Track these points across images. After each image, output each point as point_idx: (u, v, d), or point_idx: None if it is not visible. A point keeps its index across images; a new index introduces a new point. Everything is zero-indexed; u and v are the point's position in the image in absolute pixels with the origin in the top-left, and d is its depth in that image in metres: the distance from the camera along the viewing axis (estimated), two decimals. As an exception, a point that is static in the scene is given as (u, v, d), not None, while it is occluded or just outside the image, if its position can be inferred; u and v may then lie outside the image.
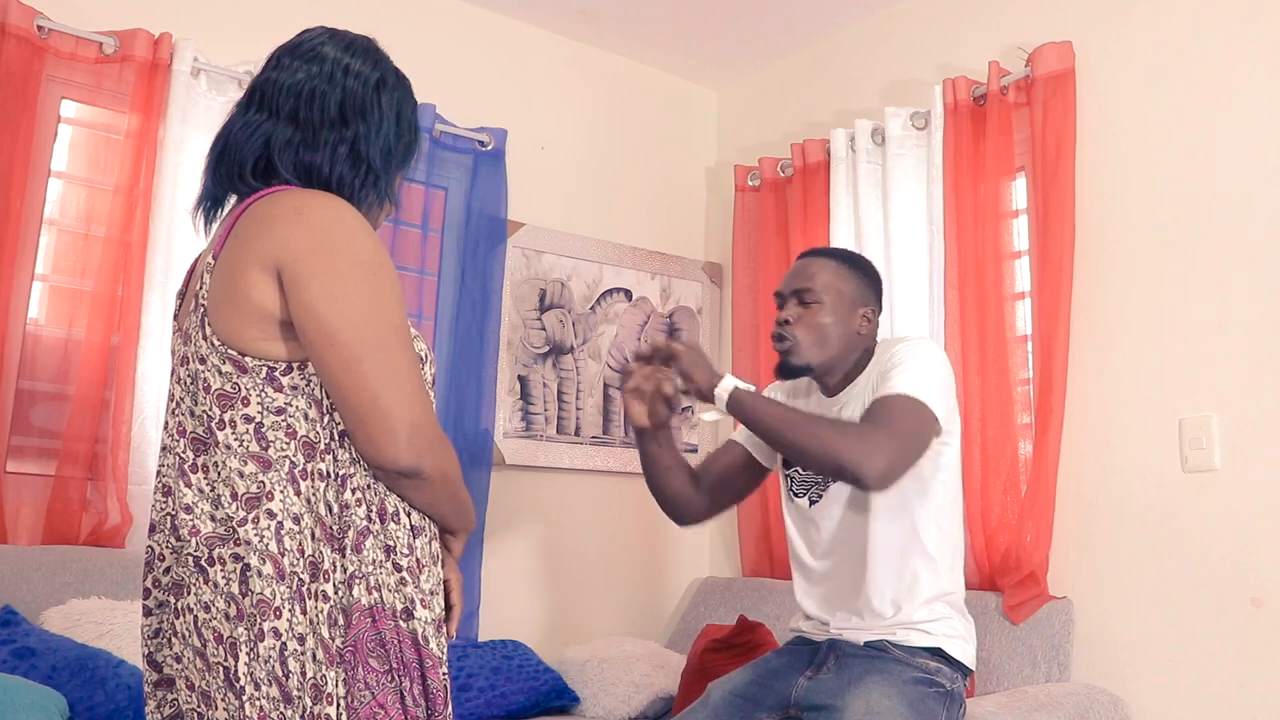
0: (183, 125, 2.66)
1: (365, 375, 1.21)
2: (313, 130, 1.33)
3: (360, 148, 1.35)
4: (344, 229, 1.26)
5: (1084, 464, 2.52)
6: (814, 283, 2.02)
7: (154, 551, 1.32)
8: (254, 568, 1.20)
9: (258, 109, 1.35)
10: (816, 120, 3.35)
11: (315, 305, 1.21)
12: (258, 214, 1.27)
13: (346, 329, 1.21)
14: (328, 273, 1.22)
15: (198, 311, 1.28)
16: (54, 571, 2.33)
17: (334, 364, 1.21)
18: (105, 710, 2.02)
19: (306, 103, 1.33)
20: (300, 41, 1.39)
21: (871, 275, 2.12)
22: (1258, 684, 2.19)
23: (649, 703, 2.75)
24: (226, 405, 1.24)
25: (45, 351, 2.57)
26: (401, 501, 1.29)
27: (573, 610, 3.28)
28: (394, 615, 1.24)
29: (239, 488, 1.23)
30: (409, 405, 1.23)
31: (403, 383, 1.23)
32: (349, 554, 1.23)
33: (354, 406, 1.22)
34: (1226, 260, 2.34)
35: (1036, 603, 2.47)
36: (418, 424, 1.24)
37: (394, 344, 1.24)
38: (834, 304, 2.01)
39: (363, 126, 1.35)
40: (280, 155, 1.32)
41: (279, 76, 1.35)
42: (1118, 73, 2.59)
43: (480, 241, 3.16)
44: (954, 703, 1.89)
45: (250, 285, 1.23)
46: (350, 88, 1.35)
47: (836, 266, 2.06)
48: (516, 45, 3.42)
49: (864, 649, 1.95)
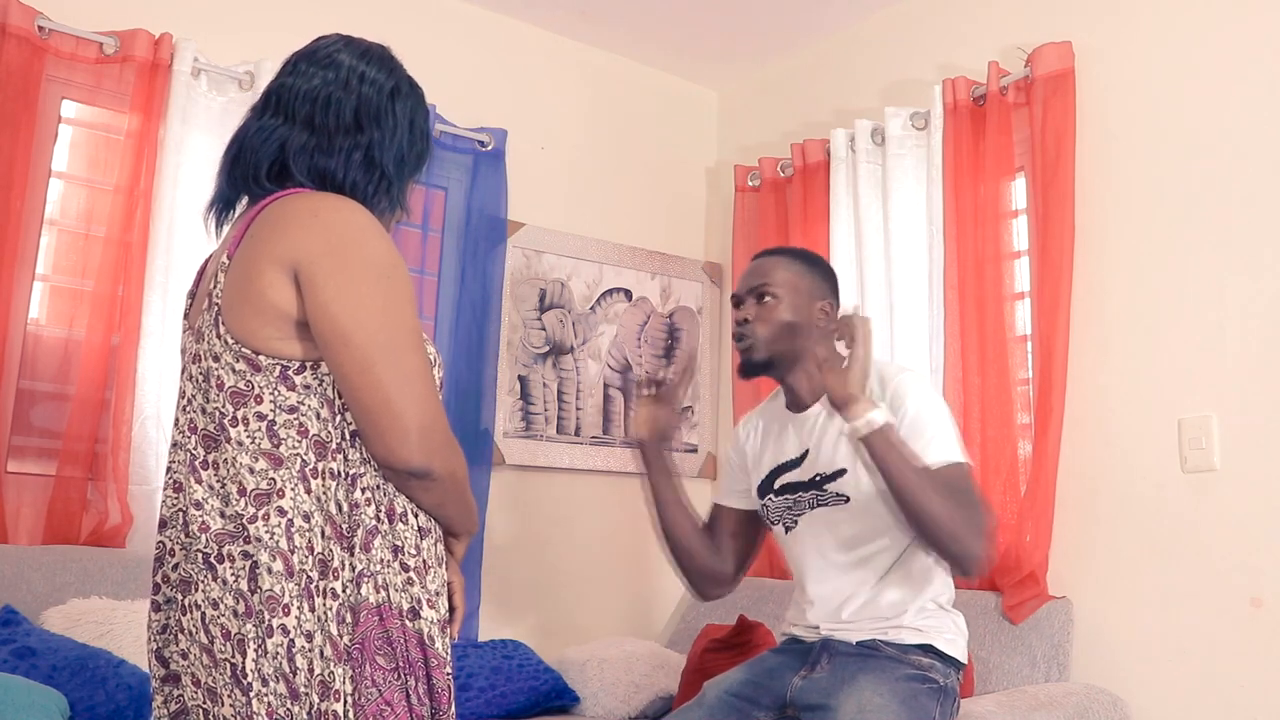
0: (183, 125, 2.66)
1: (378, 377, 1.23)
2: (328, 135, 1.35)
3: (374, 154, 1.37)
4: (358, 231, 1.28)
5: (1084, 464, 2.52)
6: (770, 279, 2.03)
7: (165, 547, 1.33)
8: (264, 564, 1.22)
9: (273, 113, 1.36)
10: (816, 120, 3.35)
11: (330, 306, 1.23)
12: (273, 215, 1.29)
13: (360, 331, 1.23)
14: (342, 274, 1.24)
15: (211, 310, 1.30)
16: (54, 571, 2.33)
17: (348, 365, 1.23)
18: (106, 710, 2.02)
19: (322, 109, 1.35)
20: (317, 48, 1.41)
21: (826, 270, 2.12)
22: (1257, 684, 2.19)
23: (649, 703, 2.75)
24: (240, 402, 1.26)
25: (46, 351, 2.57)
26: (410, 503, 1.30)
27: (573, 610, 3.28)
28: (401, 614, 1.26)
29: (248, 484, 1.24)
30: (420, 407, 1.25)
31: (415, 384, 1.25)
32: (358, 552, 1.24)
33: (367, 407, 1.24)
34: (1226, 260, 2.34)
35: (1036, 602, 2.47)
36: (428, 426, 1.26)
37: (406, 346, 1.26)
38: (791, 298, 2.02)
39: (377, 133, 1.37)
40: (295, 159, 1.34)
41: (295, 82, 1.37)
42: (1118, 73, 2.59)
43: (480, 241, 3.16)
44: (947, 698, 1.90)
45: (266, 285, 1.24)
46: (365, 95, 1.37)
47: (790, 263, 2.08)
48: (516, 45, 3.43)
49: (856, 648, 1.95)
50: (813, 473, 2.02)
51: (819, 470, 2.01)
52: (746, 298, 2.06)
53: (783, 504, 2.07)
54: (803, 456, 2.05)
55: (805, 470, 2.04)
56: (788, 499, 2.06)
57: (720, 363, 3.66)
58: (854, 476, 1.97)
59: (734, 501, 2.22)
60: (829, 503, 2.00)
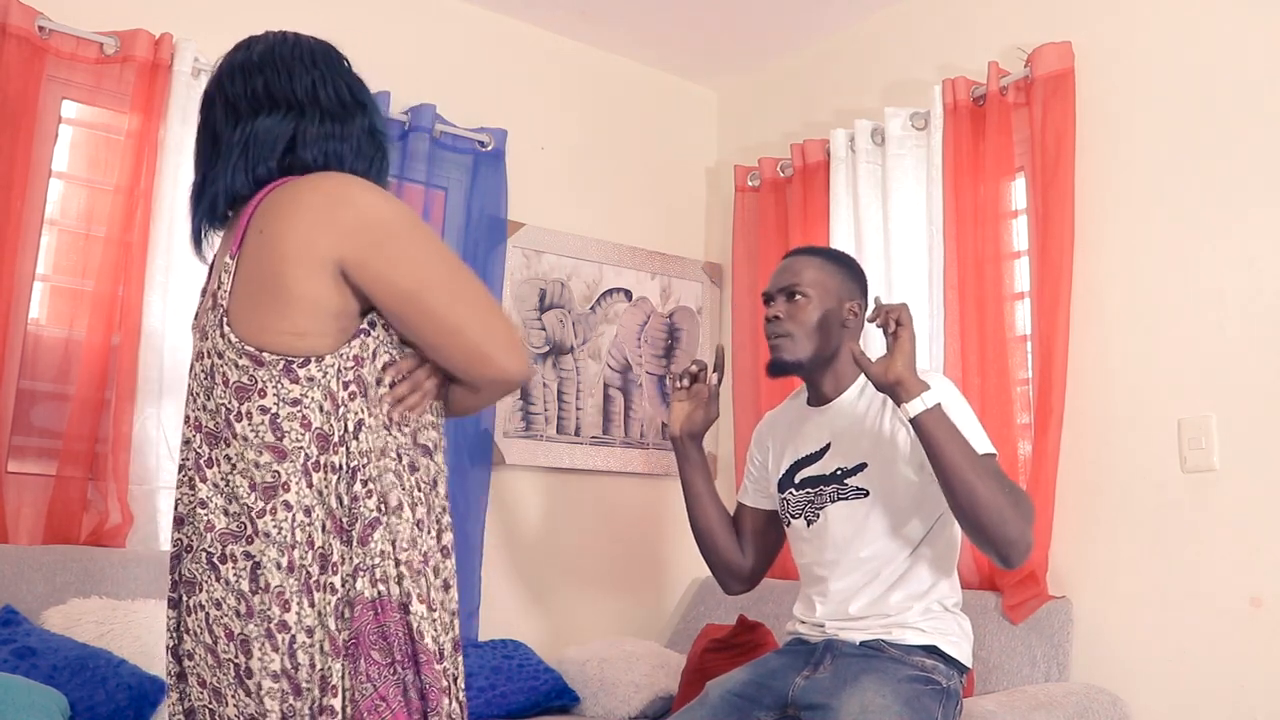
0: (183, 125, 2.66)
1: (461, 322, 1.31)
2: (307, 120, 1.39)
3: (320, 93, 1.41)
4: (370, 202, 1.31)
5: (1083, 464, 2.52)
6: (800, 278, 2.06)
7: (181, 544, 1.33)
8: (270, 560, 1.22)
9: (268, 113, 1.38)
10: (816, 120, 3.35)
11: (386, 277, 1.28)
12: (280, 209, 1.29)
13: (421, 286, 1.30)
14: (384, 245, 1.29)
15: (216, 310, 1.31)
16: (55, 571, 2.33)
17: (430, 326, 1.31)
18: (106, 710, 2.02)
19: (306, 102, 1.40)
20: (216, 78, 1.46)
21: (856, 270, 2.16)
22: (1257, 684, 2.19)
23: (649, 703, 2.75)
24: (244, 397, 1.27)
25: (46, 351, 2.57)
26: (405, 494, 1.30)
27: (573, 610, 3.28)
28: (396, 608, 1.26)
29: (256, 477, 1.25)
30: (503, 324, 1.35)
31: (488, 307, 1.34)
32: (356, 546, 1.25)
33: (465, 350, 1.32)
34: (1226, 260, 2.34)
35: (1036, 602, 2.47)
36: (516, 337, 1.35)
37: (463, 278, 1.34)
38: (821, 297, 2.05)
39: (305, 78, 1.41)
40: (303, 149, 1.37)
41: (212, 115, 1.43)
42: (1118, 73, 2.59)
43: (480, 241, 3.16)
44: (950, 700, 1.90)
45: (294, 280, 1.26)
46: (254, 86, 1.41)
47: (821, 263, 2.11)
48: (516, 45, 3.43)
49: (860, 648, 1.96)
50: (834, 466, 2.05)
51: (840, 464, 2.04)
52: (777, 296, 2.08)
53: (803, 498, 2.09)
54: (824, 449, 2.07)
55: (827, 464, 2.06)
56: (808, 493, 2.08)
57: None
58: (874, 471, 2.00)
59: (756, 501, 2.26)
60: (849, 496, 2.02)
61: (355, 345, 1.30)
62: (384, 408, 1.31)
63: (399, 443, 1.32)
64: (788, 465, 2.14)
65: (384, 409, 1.31)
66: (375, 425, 1.30)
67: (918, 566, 1.98)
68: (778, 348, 2.05)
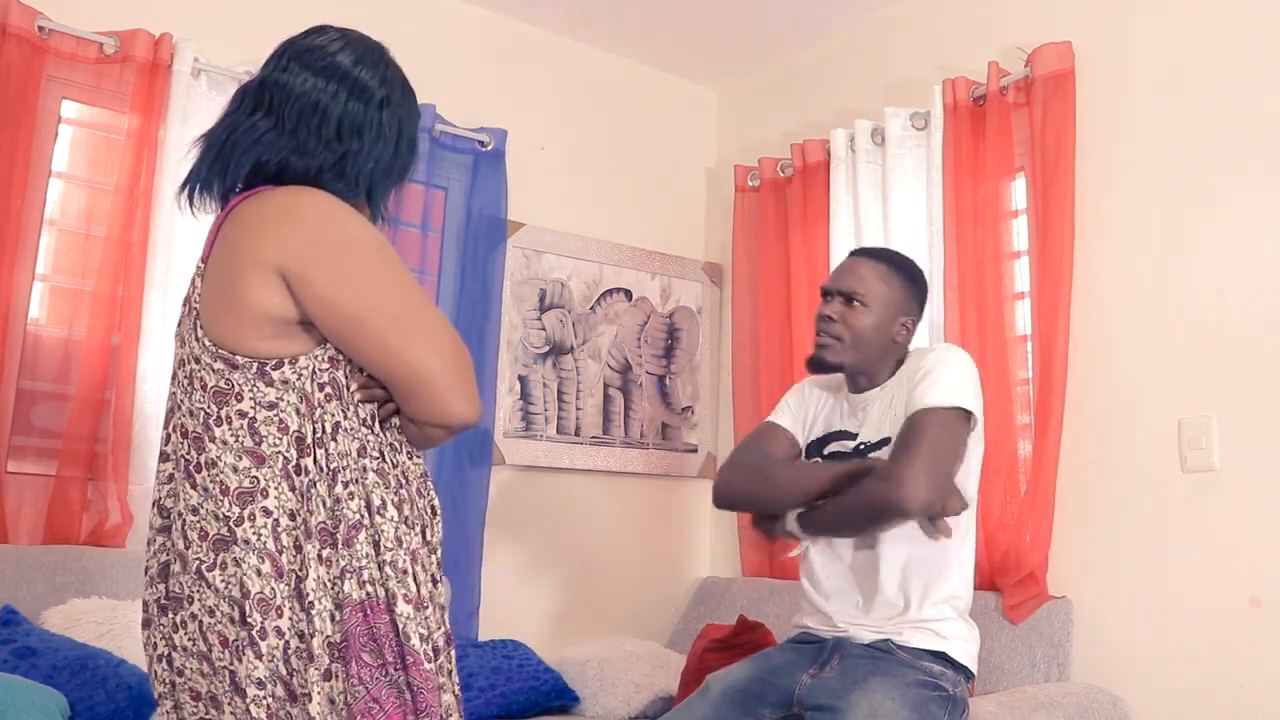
0: (183, 125, 2.66)
1: (400, 348, 1.26)
2: (308, 141, 1.34)
3: (347, 164, 1.36)
4: (332, 218, 1.29)
5: (1084, 464, 2.52)
6: (862, 285, 2.06)
7: (170, 551, 1.31)
8: (252, 567, 1.21)
9: (265, 113, 1.36)
10: (816, 120, 3.35)
11: (330, 296, 1.25)
12: (244, 218, 1.29)
13: (369, 311, 1.26)
14: (332, 263, 1.26)
15: (191, 315, 1.32)
16: (54, 571, 2.33)
17: (366, 346, 1.26)
18: (106, 710, 2.02)
19: (308, 115, 1.35)
20: (310, 46, 1.40)
21: (919, 283, 2.14)
22: (1257, 684, 2.19)
23: (649, 702, 2.75)
24: (221, 401, 1.27)
25: (46, 351, 2.57)
26: (389, 492, 1.29)
27: (573, 610, 3.28)
28: (383, 609, 1.25)
29: (231, 483, 1.24)
30: (451, 362, 1.28)
31: (439, 340, 1.29)
32: (340, 548, 1.24)
33: (401, 380, 1.27)
34: (1226, 260, 2.34)
35: (1036, 603, 2.47)
36: (465, 377, 1.29)
37: (417, 306, 1.29)
38: (878, 309, 2.05)
39: (356, 144, 1.37)
40: (272, 161, 1.34)
41: (287, 81, 1.36)
42: (1118, 73, 2.59)
43: (480, 241, 3.16)
44: (956, 706, 1.89)
45: (248, 288, 1.25)
46: (351, 109, 1.37)
47: (887, 272, 2.09)
48: (516, 45, 3.43)
49: (868, 649, 1.95)
50: (858, 442, 2.05)
51: (864, 439, 2.04)
52: (835, 296, 2.08)
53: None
54: (854, 433, 2.08)
55: (854, 442, 2.07)
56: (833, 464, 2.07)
57: (720, 363, 3.66)
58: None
59: (789, 426, 2.20)
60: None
61: (330, 347, 1.30)
62: (358, 399, 1.30)
63: (380, 440, 1.31)
64: (820, 434, 2.14)
65: (358, 400, 1.30)
66: (352, 426, 1.29)
67: (934, 564, 1.96)
68: (825, 347, 2.06)
